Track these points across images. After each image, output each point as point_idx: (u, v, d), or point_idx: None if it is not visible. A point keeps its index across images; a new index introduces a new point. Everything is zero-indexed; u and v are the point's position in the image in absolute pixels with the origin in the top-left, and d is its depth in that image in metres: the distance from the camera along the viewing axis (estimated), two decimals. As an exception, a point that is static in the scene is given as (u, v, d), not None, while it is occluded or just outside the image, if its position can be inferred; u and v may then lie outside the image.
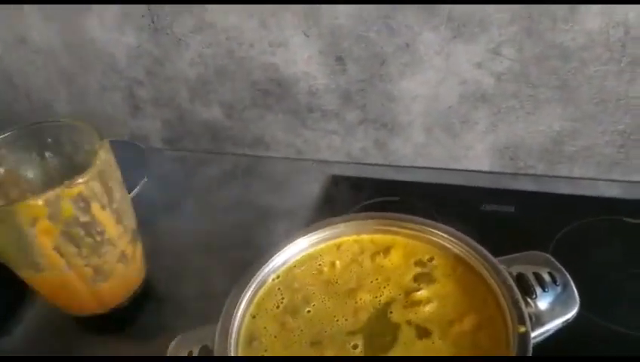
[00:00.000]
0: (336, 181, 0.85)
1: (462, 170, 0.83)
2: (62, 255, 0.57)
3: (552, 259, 0.50)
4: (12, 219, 0.53)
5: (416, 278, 0.52)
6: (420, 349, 0.46)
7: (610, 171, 0.76)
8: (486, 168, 0.81)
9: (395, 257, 0.55)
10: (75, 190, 0.55)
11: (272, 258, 0.55)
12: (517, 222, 0.73)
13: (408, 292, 0.51)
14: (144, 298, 0.68)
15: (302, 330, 0.49)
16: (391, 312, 0.50)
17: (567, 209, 0.74)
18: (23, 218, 0.53)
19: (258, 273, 0.53)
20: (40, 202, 0.52)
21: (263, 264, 0.54)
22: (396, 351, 0.46)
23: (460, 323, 0.47)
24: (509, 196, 0.77)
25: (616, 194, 0.75)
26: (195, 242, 0.74)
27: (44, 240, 0.55)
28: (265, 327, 0.50)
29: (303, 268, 0.55)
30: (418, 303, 0.50)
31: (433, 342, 0.46)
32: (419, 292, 0.50)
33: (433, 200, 0.76)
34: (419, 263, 0.54)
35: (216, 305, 0.50)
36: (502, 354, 0.44)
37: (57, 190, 0.53)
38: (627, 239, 0.68)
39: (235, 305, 0.50)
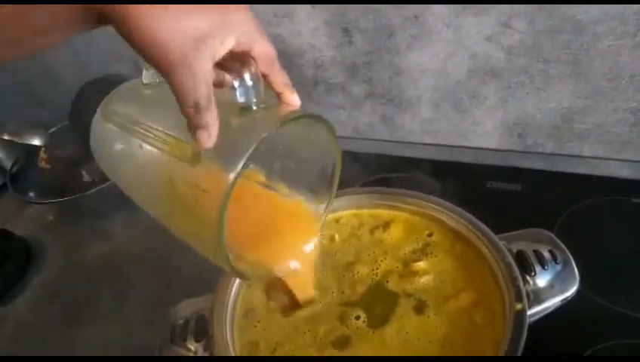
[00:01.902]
0: (343, 156, 0.84)
1: (469, 148, 0.81)
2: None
3: (554, 237, 0.49)
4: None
5: (415, 252, 0.52)
6: (415, 324, 0.46)
7: (621, 151, 0.74)
8: (494, 146, 0.80)
9: (394, 232, 0.55)
10: None
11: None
12: (523, 200, 0.72)
13: (407, 263, 0.51)
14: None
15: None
16: (387, 281, 0.50)
17: (574, 188, 0.72)
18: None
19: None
20: None
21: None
22: (392, 325, 0.46)
23: (456, 299, 0.47)
24: (516, 174, 0.76)
25: (626, 174, 0.73)
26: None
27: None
28: (260, 298, 0.50)
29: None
30: (414, 274, 0.49)
31: (429, 317, 0.46)
32: (417, 263, 0.50)
33: (439, 177, 0.75)
34: (418, 238, 0.53)
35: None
36: (497, 332, 0.43)
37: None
38: (635, 220, 0.67)
39: (231, 276, 0.50)
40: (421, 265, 0.50)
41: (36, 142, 0.83)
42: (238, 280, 0.50)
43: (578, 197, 0.70)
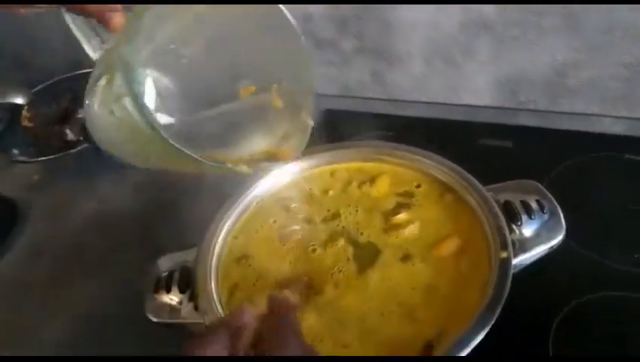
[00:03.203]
0: (331, 115, 0.83)
1: (461, 105, 0.80)
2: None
3: (542, 187, 0.49)
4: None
5: (400, 204, 0.51)
6: (399, 271, 0.46)
7: (614, 107, 0.73)
8: (486, 103, 0.79)
9: (381, 185, 0.54)
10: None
11: (257, 183, 0.54)
12: (514, 156, 0.71)
13: (389, 217, 0.50)
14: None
15: (286, 252, 0.49)
16: (371, 236, 0.49)
17: (566, 145, 0.71)
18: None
19: (242, 198, 0.53)
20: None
21: (247, 189, 0.53)
22: (376, 272, 0.46)
23: (441, 247, 0.47)
24: (507, 131, 0.75)
25: (620, 130, 0.72)
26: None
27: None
28: (247, 246, 0.50)
29: (287, 195, 0.54)
30: (397, 227, 0.49)
31: (413, 264, 0.46)
32: (399, 216, 0.49)
33: (430, 135, 0.73)
34: (405, 191, 0.53)
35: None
36: (482, 280, 0.43)
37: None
38: (628, 176, 0.66)
39: (216, 227, 0.50)
40: (403, 216, 0.49)
41: (19, 100, 0.82)
42: (223, 232, 0.50)
43: (570, 153, 0.69)
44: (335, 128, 0.79)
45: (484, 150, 0.73)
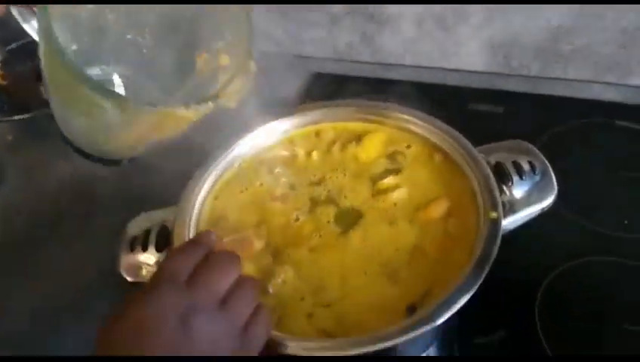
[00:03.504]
0: (319, 79, 0.81)
1: (452, 70, 0.78)
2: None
3: (533, 148, 0.47)
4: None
5: (388, 167, 0.50)
6: (383, 232, 0.44)
7: (607, 73, 0.72)
8: (478, 68, 0.77)
9: (370, 146, 0.52)
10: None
11: (238, 142, 0.52)
12: (504, 122, 0.70)
13: (376, 181, 0.49)
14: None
15: (267, 215, 0.47)
16: (356, 200, 0.48)
17: (558, 111, 0.70)
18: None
19: (223, 157, 0.51)
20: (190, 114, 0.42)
21: (228, 148, 0.51)
22: (357, 232, 0.44)
23: (429, 209, 0.46)
24: (499, 96, 0.73)
25: (611, 97, 0.71)
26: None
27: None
28: (227, 208, 0.48)
29: (271, 155, 0.52)
30: (385, 191, 0.47)
31: (398, 226, 0.44)
32: (386, 180, 0.48)
33: (420, 99, 0.71)
34: (394, 152, 0.51)
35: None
36: (470, 241, 0.42)
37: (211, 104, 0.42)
38: (618, 142, 0.65)
39: (195, 186, 0.48)
40: (391, 180, 0.48)
41: (-8, 57, 0.78)
42: (203, 191, 0.48)
43: (561, 119, 0.68)
44: (323, 92, 0.77)
45: (474, 115, 0.71)
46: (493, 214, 0.42)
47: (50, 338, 0.53)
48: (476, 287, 0.38)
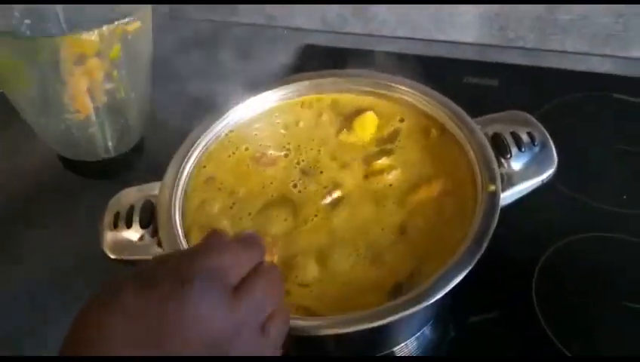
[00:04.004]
0: (309, 51, 0.78)
1: (446, 42, 0.76)
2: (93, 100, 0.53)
3: (532, 119, 0.46)
4: (55, 53, 0.48)
5: (381, 145, 0.48)
6: (370, 211, 0.43)
7: (605, 45, 0.70)
8: (473, 39, 0.74)
9: (360, 122, 0.49)
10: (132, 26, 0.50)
11: (226, 114, 0.50)
12: (499, 95, 0.68)
13: (369, 162, 0.46)
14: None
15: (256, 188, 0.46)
16: (345, 180, 0.46)
17: (554, 83, 0.68)
18: (68, 53, 0.48)
19: (210, 129, 0.49)
20: (93, 37, 0.47)
21: (214, 121, 0.49)
22: (343, 210, 0.43)
23: (424, 189, 0.44)
24: (494, 69, 0.71)
25: (609, 69, 0.70)
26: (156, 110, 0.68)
27: (81, 81, 0.50)
28: (217, 173, 0.47)
29: (260, 125, 0.50)
30: (381, 172, 0.45)
31: (385, 206, 0.43)
32: (380, 161, 0.46)
33: (413, 72, 0.69)
34: (386, 126, 0.49)
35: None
36: (466, 217, 0.40)
37: (112, 26, 0.48)
38: (616, 116, 0.64)
39: (182, 157, 0.46)
40: (385, 161, 0.46)
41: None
42: (191, 162, 0.46)
43: (558, 92, 0.66)
44: (313, 65, 0.74)
45: (468, 88, 0.69)
46: (492, 187, 0.40)
47: (35, 323, 0.51)
48: (474, 262, 0.36)
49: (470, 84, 0.70)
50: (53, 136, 0.60)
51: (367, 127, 0.49)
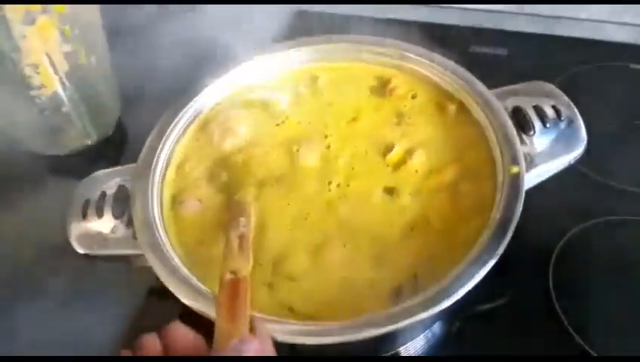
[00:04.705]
0: (302, 18, 0.72)
1: (452, 7, 0.70)
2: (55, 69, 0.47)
3: (557, 90, 0.41)
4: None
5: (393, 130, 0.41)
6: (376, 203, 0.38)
7: (623, 13, 0.65)
8: (483, 6, 0.68)
9: (366, 114, 0.44)
10: None
11: (207, 87, 0.44)
12: (509, 65, 0.62)
13: (383, 153, 0.40)
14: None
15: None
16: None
17: (568, 53, 0.63)
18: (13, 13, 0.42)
19: (189, 105, 0.43)
20: None
21: (194, 95, 0.43)
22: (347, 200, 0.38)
23: (438, 175, 0.39)
24: (502, 37, 0.66)
25: (625, 38, 0.64)
26: (130, 85, 0.62)
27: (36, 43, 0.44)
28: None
29: (249, 99, 0.45)
30: (403, 162, 0.39)
31: (393, 199, 0.38)
32: (393, 152, 0.40)
33: (416, 40, 0.64)
34: (398, 105, 0.43)
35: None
36: (486, 204, 0.35)
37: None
38: (633, 87, 0.59)
39: (157, 140, 0.40)
40: (398, 149, 0.40)
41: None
42: (169, 142, 0.40)
43: (572, 62, 0.61)
44: (309, 33, 0.68)
45: (474, 57, 0.64)
46: (515, 169, 0.35)
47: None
48: (499, 256, 0.32)
49: (477, 54, 0.64)
50: (29, 128, 0.53)
51: (376, 103, 0.44)
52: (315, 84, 0.45)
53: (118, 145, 0.55)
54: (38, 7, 0.43)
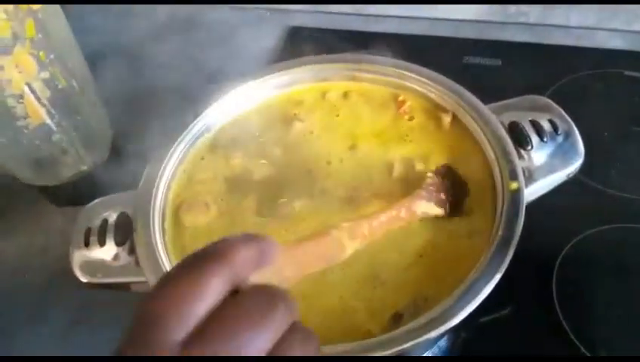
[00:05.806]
0: (295, 33, 0.72)
1: (442, 19, 0.70)
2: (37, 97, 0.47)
3: (553, 104, 0.41)
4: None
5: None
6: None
7: (613, 18, 0.65)
8: (471, 16, 0.69)
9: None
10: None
11: (206, 111, 0.44)
12: (503, 76, 0.63)
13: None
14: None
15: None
16: None
17: (561, 62, 0.64)
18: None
19: (189, 128, 0.43)
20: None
21: (194, 119, 0.43)
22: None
23: None
24: (495, 47, 0.66)
25: (617, 45, 0.65)
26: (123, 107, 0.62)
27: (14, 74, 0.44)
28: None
29: (238, 130, 0.45)
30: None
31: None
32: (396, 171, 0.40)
33: (409, 53, 0.64)
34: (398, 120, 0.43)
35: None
36: (486, 224, 0.35)
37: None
38: (629, 95, 0.59)
39: (158, 165, 0.40)
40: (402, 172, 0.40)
41: None
42: (170, 164, 0.40)
43: (565, 71, 0.61)
44: (301, 48, 0.69)
45: (469, 69, 0.64)
46: (514, 185, 0.36)
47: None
48: (502, 273, 0.32)
49: (470, 65, 0.65)
50: (21, 159, 0.53)
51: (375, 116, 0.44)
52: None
53: (115, 169, 0.55)
54: (5, 29, 0.43)
